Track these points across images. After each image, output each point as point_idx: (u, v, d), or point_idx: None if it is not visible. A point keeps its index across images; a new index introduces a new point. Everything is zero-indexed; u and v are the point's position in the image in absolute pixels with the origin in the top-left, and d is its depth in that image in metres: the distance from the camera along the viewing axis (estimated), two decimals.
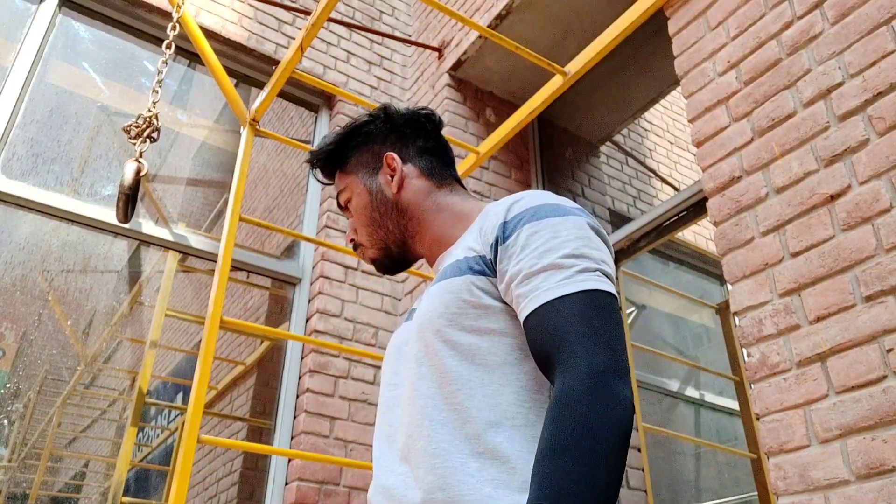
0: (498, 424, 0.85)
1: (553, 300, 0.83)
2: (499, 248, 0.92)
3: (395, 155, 1.13)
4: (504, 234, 0.92)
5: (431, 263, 1.13)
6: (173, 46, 2.62)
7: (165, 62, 2.60)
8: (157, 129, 2.57)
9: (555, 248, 0.87)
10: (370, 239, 1.13)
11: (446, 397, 0.88)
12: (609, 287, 0.86)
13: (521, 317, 0.87)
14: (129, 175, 2.48)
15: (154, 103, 2.55)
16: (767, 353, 1.72)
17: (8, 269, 2.71)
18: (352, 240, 1.15)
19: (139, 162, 2.51)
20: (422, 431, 0.88)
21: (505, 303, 0.92)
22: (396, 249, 1.12)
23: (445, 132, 3.54)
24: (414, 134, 1.16)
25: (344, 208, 1.17)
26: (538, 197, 0.96)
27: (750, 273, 1.82)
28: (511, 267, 0.90)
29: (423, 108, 1.20)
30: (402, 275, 3.34)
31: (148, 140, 2.54)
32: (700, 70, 2.16)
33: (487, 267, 0.93)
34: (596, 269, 0.86)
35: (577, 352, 0.78)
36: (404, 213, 1.11)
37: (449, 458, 0.84)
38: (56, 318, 2.79)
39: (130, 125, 2.54)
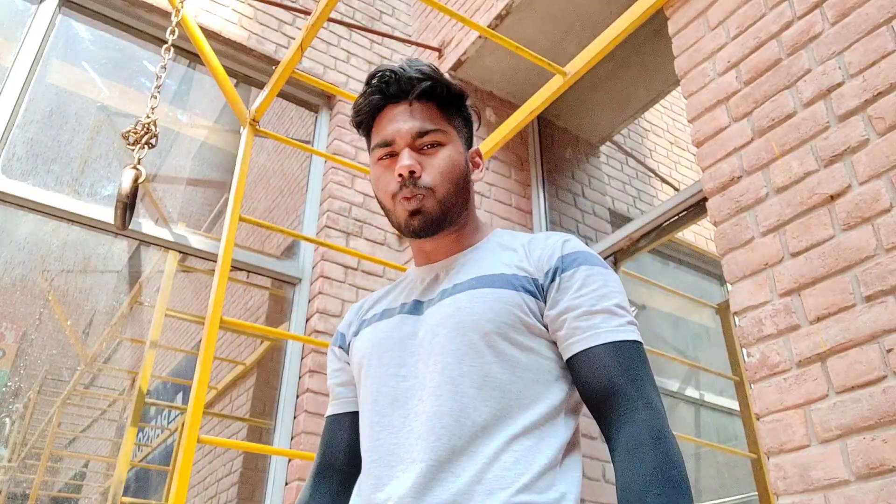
0: (530, 435, 0.92)
1: (616, 342, 0.94)
2: (557, 276, 1.00)
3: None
4: (563, 266, 1.01)
5: (439, 255, 1.11)
6: (172, 50, 2.62)
7: (164, 66, 2.60)
8: (156, 136, 2.57)
9: (608, 295, 0.98)
10: (445, 193, 1.05)
11: (487, 400, 0.93)
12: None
13: (576, 348, 0.96)
14: (126, 183, 2.48)
15: (153, 109, 2.55)
16: (767, 353, 1.72)
17: (8, 269, 2.71)
18: (412, 172, 1.04)
19: (137, 169, 2.51)
20: (463, 429, 0.91)
21: (546, 328, 1.00)
22: (448, 218, 1.07)
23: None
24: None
25: (420, 148, 1.07)
26: (581, 243, 1.06)
27: (750, 273, 1.82)
28: (569, 299, 0.98)
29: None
30: (402, 275, 3.34)
31: (146, 146, 2.54)
32: (700, 70, 2.16)
33: (538, 290, 1.00)
34: (636, 323, 0.98)
35: (649, 394, 0.91)
36: (468, 200, 1.12)
37: (488, 456, 0.90)
38: (56, 318, 2.79)
39: (129, 131, 2.54)
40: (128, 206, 2.49)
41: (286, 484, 2.78)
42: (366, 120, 1.13)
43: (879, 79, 1.68)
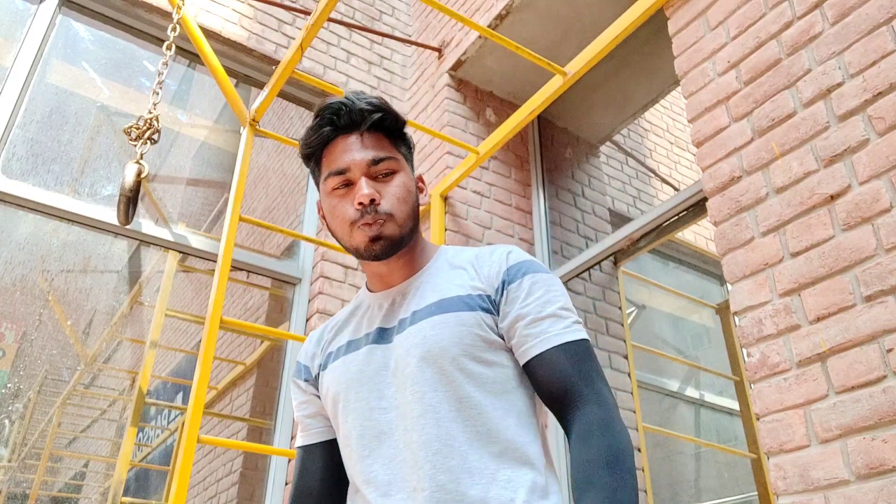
0: (511, 442, 0.99)
1: (564, 344, 1.02)
2: (505, 289, 1.06)
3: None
4: (509, 278, 1.07)
5: (394, 279, 1.14)
6: (173, 48, 2.62)
7: (166, 63, 2.60)
8: (158, 131, 2.57)
9: (551, 300, 1.05)
10: (404, 218, 1.09)
11: (467, 421, 0.99)
12: None
13: (531, 353, 1.02)
14: (129, 177, 2.48)
15: (154, 105, 2.55)
16: (767, 353, 1.72)
17: (8, 269, 2.71)
18: (372, 200, 1.07)
19: (140, 164, 2.51)
20: (454, 451, 0.97)
21: (502, 338, 1.06)
22: (404, 241, 1.11)
23: (445, 132, 3.54)
24: None
25: (375, 176, 1.10)
26: (523, 252, 1.13)
27: (750, 273, 1.82)
28: (517, 309, 1.05)
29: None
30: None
31: (149, 142, 2.54)
32: (700, 70, 2.16)
33: (493, 305, 1.06)
34: (580, 322, 1.06)
35: (598, 388, 0.99)
36: (418, 222, 1.15)
37: (484, 474, 0.96)
38: (56, 318, 2.79)
39: (131, 127, 2.54)
40: (131, 200, 2.49)
41: (286, 484, 2.78)
42: (316, 151, 1.15)
43: (879, 79, 1.68)
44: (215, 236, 3.18)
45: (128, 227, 2.88)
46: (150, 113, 2.54)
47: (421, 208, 1.24)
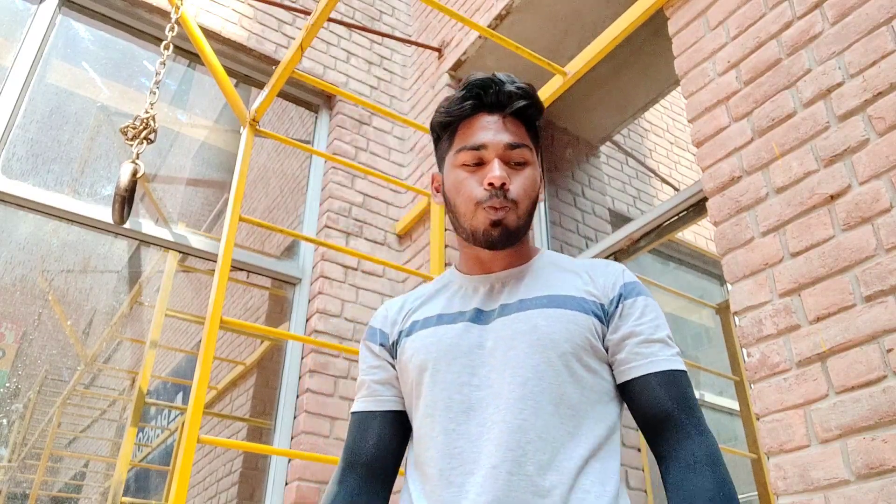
0: (596, 453, 0.99)
1: (672, 371, 1.03)
2: (620, 303, 1.07)
3: None
4: (626, 293, 1.08)
5: (495, 266, 1.13)
6: (171, 48, 2.62)
7: (163, 63, 2.60)
8: (155, 131, 2.57)
9: (661, 326, 1.07)
10: (525, 210, 1.09)
11: (563, 419, 0.99)
12: None
13: (636, 372, 1.03)
14: (125, 177, 2.48)
15: (151, 104, 2.55)
16: (767, 353, 1.72)
17: (8, 269, 2.71)
18: (503, 184, 1.05)
19: (135, 163, 2.51)
20: (546, 445, 0.96)
21: (605, 350, 1.06)
22: (520, 234, 1.10)
23: None
24: None
25: (511, 163, 1.09)
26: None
27: (750, 273, 1.82)
28: (631, 325, 1.05)
29: None
30: (402, 275, 3.34)
31: (145, 142, 2.54)
32: (700, 70, 2.16)
33: (604, 315, 1.07)
34: (680, 354, 1.07)
35: (703, 422, 1.00)
36: (531, 219, 1.14)
37: (569, 476, 0.95)
38: (56, 318, 2.79)
39: (128, 126, 2.54)
40: (126, 200, 2.49)
41: (286, 484, 2.78)
42: (454, 122, 1.13)
43: (879, 79, 1.68)
44: (215, 236, 3.18)
45: (128, 227, 2.88)
46: (147, 113, 2.54)
47: (421, 208, 1.23)
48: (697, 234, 4.46)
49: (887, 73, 1.66)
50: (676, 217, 2.78)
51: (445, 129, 1.15)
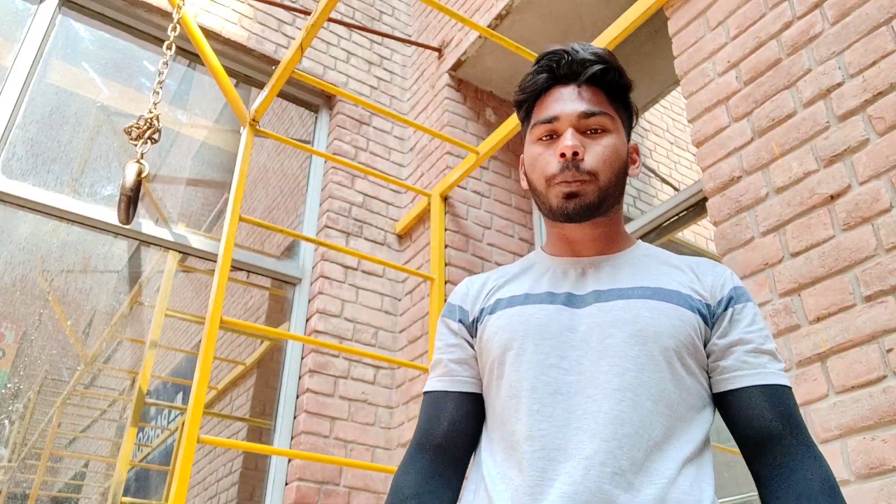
0: (689, 462, 0.92)
1: (781, 385, 0.96)
2: (730, 307, 1.01)
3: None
4: (736, 296, 1.02)
5: (585, 249, 1.07)
6: (174, 48, 2.62)
7: (166, 63, 2.60)
8: (158, 131, 2.57)
9: (770, 337, 1.01)
10: (606, 181, 1.02)
11: (661, 416, 0.92)
12: None
13: (743, 382, 0.97)
14: (130, 176, 2.48)
15: (155, 104, 2.55)
16: None
17: (8, 269, 2.71)
18: (575, 153, 1.00)
19: (140, 163, 2.51)
20: (642, 441, 0.90)
21: (705, 355, 1.00)
22: (603, 207, 1.03)
23: (445, 132, 3.54)
24: None
25: (585, 132, 1.03)
26: None
27: (750, 273, 1.82)
28: (741, 332, 0.99)
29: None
30: (402, 275, 3.34)
31: (149, 141, 2.54)
32: (700, 70, 2.16)
33: (710, 317, 1.00)
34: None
35: (813, 444, 0.94)
36: (622, 193, 1.07)
37: (665, 476, 0.89)
38: (56, 318, 2.79)
39: (131, 126, 2.54)
40: (132, 200, 2.49)
41: (286, 484, 2.78)
42: (530, 99, 1.09)
43: (879, 79, 1.68)
44: (215, 236, 3.18)
45: (128, 227, 2.88)
46: (151, 112, 2.54)
47: (421, 208, 1.21)
48: (697, 234, 4.46)
49: (887, 73, 1.66)
50: (676, 217, 2.78)
51: (521, 107, 1.11)
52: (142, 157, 2.52)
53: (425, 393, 1.10)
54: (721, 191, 1.97)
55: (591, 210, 1.01)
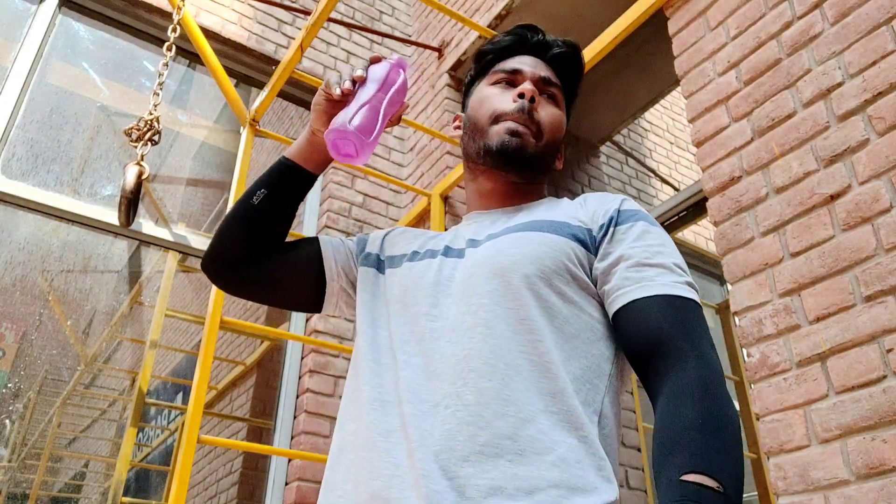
0: (567, 392, 0.83)
1: (671, 295, 0.85)
2: (611, 228, 0.94)
3: None
4: (620, 219, 0.95)
5: (493, 202, 1.06)
6: (174, 48, 2.62)
7: (166, 64, 2.60)
8: (159, 132, 2.57)
9: (666, 253, 0.90)
10: (545, 143, 1.04)
11: (524, 345, 0.84)
12: None
13: (626, 298, 0.87)
14: (130, 179, 2.48)
15: (155, 106, 2.55)
16: (767, 353, 1.72)
17: (8, 269, 2.71)
18: (533, 99, 1.02)
19: (140, 165, 2.51)
20: (495, 374, 0.82)
21: (592, 282, 0.92)
22: (532, 166, 1.03)
23: (445, 132, 3.53)
24: None
25: (542, 94, 1.07)
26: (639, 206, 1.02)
27: (750, 273, 1.82)
28: (622, 249, 0.91)
29: None
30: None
31: (149, 143, 2.54)
32: (700, 70, 2.16)
33: (591, 242, 0.94)
34: (696, 287, 0.89)
35: (702, 347, 0.82)
36: (548, 171, 1.10)
37: (522, 409, 0.81)
38: (56, 318, 2.79)
39: (132, 128, 2.54)
40: (132, 201, 2.49)
41: (286, 484, 2.78)
42: (495, 52, 1.14)
43: (879, 79, 1.68)
44: None
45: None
46: (151, 114, 2.54)
47: (421, 208, 1.22)
48: (697, 234, 4.46)
49: (887, 73, 1.66)
50: (676, 217, 2.78)
51: (483, 58, 1.14)
52: (142, 159, 2.52)
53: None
54: (721, 191, 1.97)
55: (525, 160, 1.01)
